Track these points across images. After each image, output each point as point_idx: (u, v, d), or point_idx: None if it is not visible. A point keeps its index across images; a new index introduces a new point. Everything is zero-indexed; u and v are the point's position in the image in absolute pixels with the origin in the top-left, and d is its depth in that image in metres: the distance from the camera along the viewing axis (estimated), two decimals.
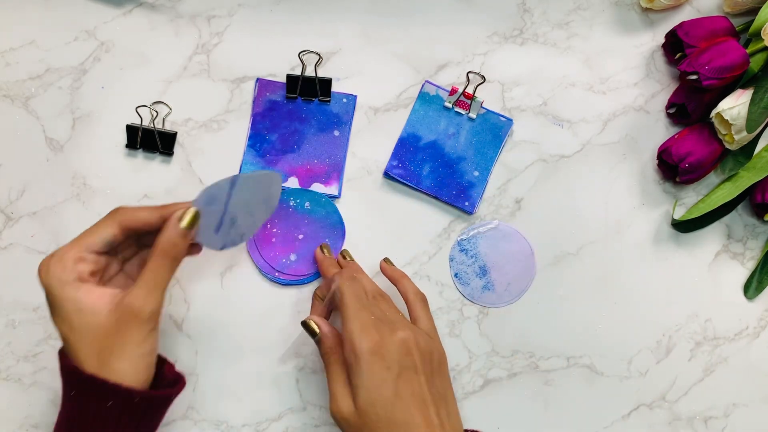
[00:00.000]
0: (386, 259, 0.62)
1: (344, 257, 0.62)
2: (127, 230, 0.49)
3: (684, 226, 0.65)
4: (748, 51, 0.61)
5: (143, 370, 0.47)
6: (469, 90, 0.64)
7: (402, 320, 0.53)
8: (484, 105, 0.65)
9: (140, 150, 0.64)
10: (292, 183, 0.64)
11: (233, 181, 0.51)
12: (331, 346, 0.52)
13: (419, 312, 0.56)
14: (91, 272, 0.48)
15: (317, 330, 0.53)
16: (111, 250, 0.50)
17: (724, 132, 0.61)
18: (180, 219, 0.49)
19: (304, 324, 0.54)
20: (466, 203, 0.64)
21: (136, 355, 0.46)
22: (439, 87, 0.66)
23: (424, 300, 0.57)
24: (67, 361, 0.47)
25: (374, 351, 0.49)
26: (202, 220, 0.50)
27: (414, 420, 0.47)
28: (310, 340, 0.62)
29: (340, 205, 0.64)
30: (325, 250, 0.61)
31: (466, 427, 0.61)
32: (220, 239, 0.53)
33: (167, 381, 0.51)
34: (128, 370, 0.46)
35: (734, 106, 0.60)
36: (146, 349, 0.47)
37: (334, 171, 0.64)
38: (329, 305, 0.58)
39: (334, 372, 0.51)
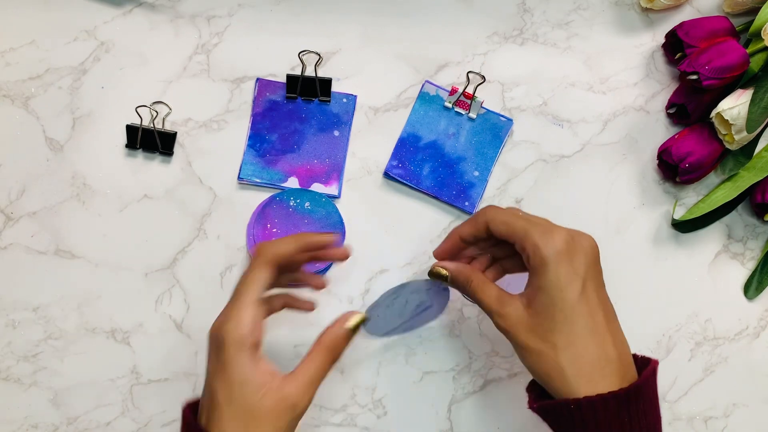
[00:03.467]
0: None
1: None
2: (276, 266, 0.49)
3: (684, 226, 0.65)
4: (748, 51, 0.61)
5: None
6: (469, 90, 0.64)
7: (582, 232, 0.51)
8: (484, 105, 0.65)
9: (140, 150, 0.64)
10: (292, 183, 0.64)
11: (404, 286, 0.57)
12: (468, 275, 0.53)
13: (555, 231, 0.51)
14: (262, 334, 0.47)
15: (444, 272, 0.54)
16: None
17: (724, 132, 0.61)
18: (347, 320, 0.50)
19: (432, 273, 0.54)
20: (466, 203, 0.64)
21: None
22: (439, 87, 0.66)
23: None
24: (200, 427, 0.46)
25: (567, 247, 0.48)
26: (368, 323, 0.55)
27: (597, 327, 0.47)
28: (311, 341, 0.62)
29: (340, 205, 0.64)
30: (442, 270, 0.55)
31: (463, 428, 0.61)
32: (384, 330, 0.59)
33: None
34: None
35: (734, 106, 0.60)
36: (295, 423, 0.47)
37: (334, 171, 0.64)
38: (464, 240, 0.54)
39: (485, 290, 0.51)
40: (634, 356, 0.50)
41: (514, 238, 0.50)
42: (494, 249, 0.56)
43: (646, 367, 0.49)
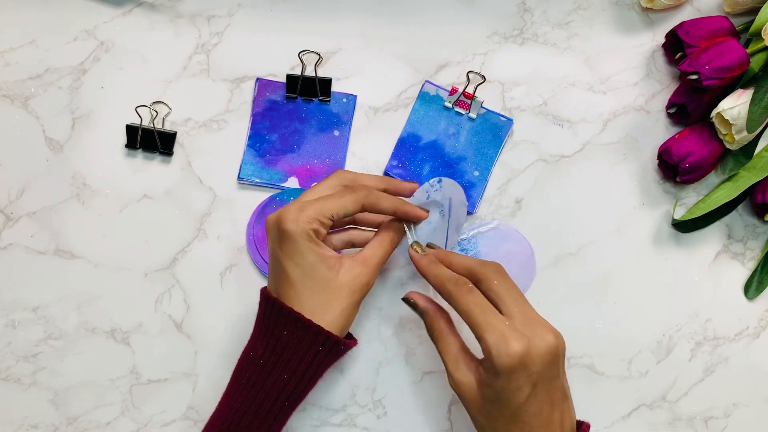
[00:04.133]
0: (415, 245, 0.56)
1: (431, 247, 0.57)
2: (365, 210, 0.53)
3: (684, 226, 0.65)
4: (748, 51, 0.61)
5: (343, 327, 0.53)
6: (469, 90, 0.64)
7: (541, 321, 0.49)
8: (484, 105, 0.65)
9: (140, 150, 0.64)
10: (292, 183, 0.64)
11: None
12: (432, 320, 0.53)
13: (511, 296, 0.50)
14: (324, 234, 0.52)
15: (418, 304, 0.54)
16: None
17: (724, 132, 0.61)
18: (411, 212, 0.55)
19: (405, 299, 0.55)
20: (466, 203, 0.64)
21: (345, 316, 0.52)
22: (439, 87, 0.66)
23: (501, 271, 0.52)
24: (286, 307, 0.51)
25: (519, 362, 0.46)
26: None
27: (542, 421, 0.48)
28: None
29: None
30: (418, 248, 0.55)
31: (463, 428, 0.61)
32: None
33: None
34: (334, 324, 0.51)
35: (734, 105, 0.60)
36: (354, 312, 0.53)
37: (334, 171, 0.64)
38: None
39: (445, 344, 0.52)
40: (578, 423, 0.52)
41: (472, 329, 0.49)
42: None
43: None
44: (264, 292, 0.54)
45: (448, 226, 0.59)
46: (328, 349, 0.51)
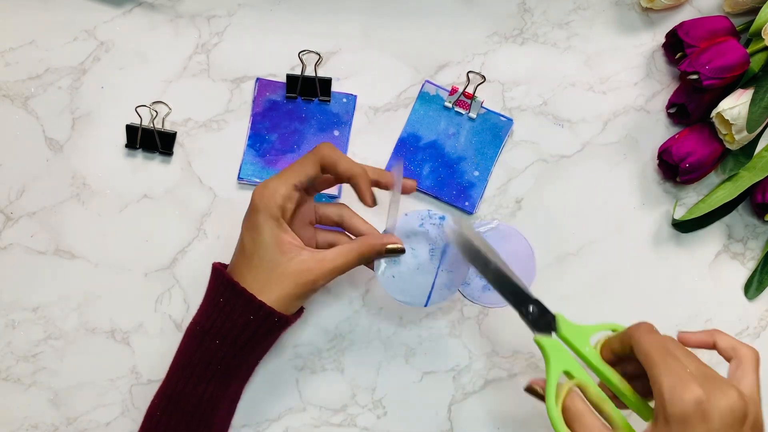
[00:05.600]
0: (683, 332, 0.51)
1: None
2: (325, 171, 0.53)
3: (684, 226, 0.65)
4: (748, 51, 0.61)
5: (287, 310, 0.52)
6: (469, 90, 0.64)
7: (727, 380, 0.44)
8: (484, 105, 0.65)
9: (140, 150, 0.64)
10: None
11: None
12: (571, 399, 0.46)
13: (747, 371, 0.46)
14: (292, 209, 0.53)
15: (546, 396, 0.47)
16: (306, 188, 0.54)
17: (724, 132, 0.61)
18: (390, 241, 0.53)
19: (529, 390, 0.49)
20: (466, 203, 0.64)
21: (283, 302, 0.52)
22: (439, 87, 0.66)
23: (756, 359, 0.47)
24: (226, 274, 0.53)
25: (695, 410, 0.41)
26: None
27: None
28: (310, 340, 0.62)
29: None
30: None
31: (463, 428, 0.61)
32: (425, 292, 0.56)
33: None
34: (277, 305, 0.51)
35: (735, 105, 0.60)
36: (293, 303, 0.52)
37: None
38: (615, 353, 0.49)
39: (587, 423, 0.45)
40: None
41: (648, 374, 0.44)
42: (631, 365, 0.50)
43: None
44: (214, 265, 0.55)
45: (436, 273, 0.56)
46: (262, 319, 0.51)
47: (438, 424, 0.61)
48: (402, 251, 0.54)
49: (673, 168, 0.63)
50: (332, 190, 0.64)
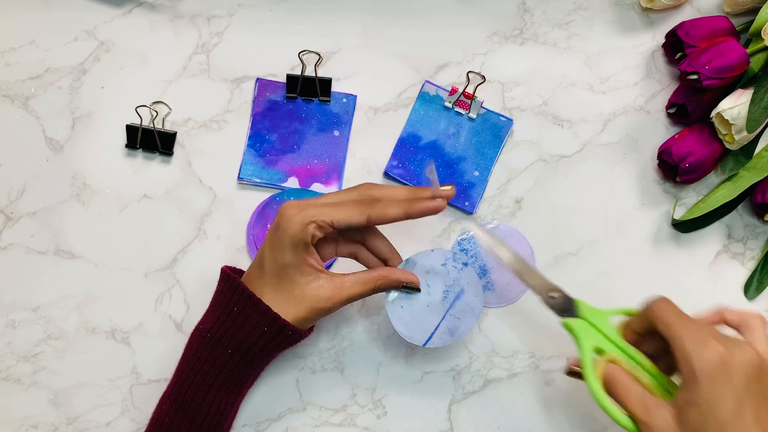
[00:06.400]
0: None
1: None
2: (371, 224, 0.52)
3: (684, 226, 0.65)
4: (748, 51, 0.61)
5: (299, 326, 0.53)
6: (469, 90, 0.64)
7: (743, 339, 0.47)
8: (484, 105, 0.65)
9: (140, 150, 0.64)
10: (292, 183, 0.64)
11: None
12: (609, 368, 0.48)
13: (757, 334, 0.49)
14: (318, 239, 0.52)
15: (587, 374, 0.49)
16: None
17: (724, 132, 0.61)
18: (406, 277, 0.54)
19: (570, 373, 0.53)
20: (466, 203, 0.64)
21: (298, 321, 0.52)
22: (439, 87, 0.66)
23: (764, 322, 0.50)
24: (242, 284, 0.53)
25: (721, 365, 0.43)
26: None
27: None
28: (311, 340, 0.62)
29: None
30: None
31: (463, 428, 0.61)
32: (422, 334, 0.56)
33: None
34: (289, 318, 0.52)
35: (734, 106, 0.60)
36: (306, 323, 0.53)
37: (334, 171, 0.64)
38: (638, 333, 0.51)
39: (630, 396, 0.47)
40: None
41: (670, 341, 0.46)
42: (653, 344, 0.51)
43: None
44: (224, 270, 0.55)
45: (443, 316, 0.56)
46: (276, 331, 0.52)
47: (438, 424, 0.61)
48: (417, 290, 0.55)
49: (673, 168, 0.63)
50: (332, 190, 0.64)
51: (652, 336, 0.49)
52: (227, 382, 0.53)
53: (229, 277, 0.54)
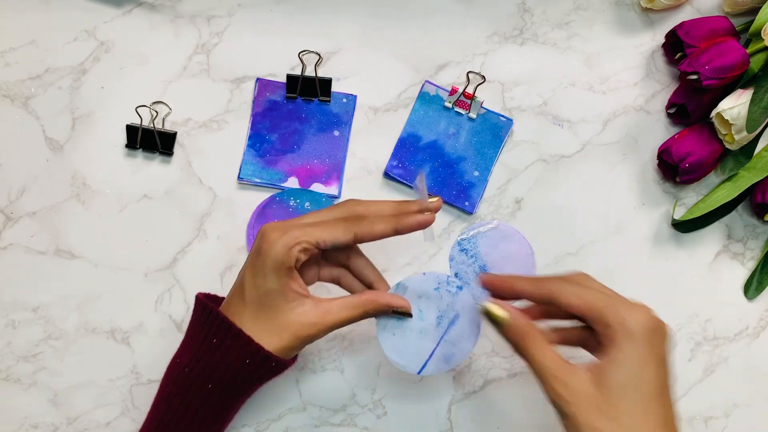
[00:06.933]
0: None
1: None
2: (358, 242, 0.50)
3: (684, 226, 0.65)
4: (748, 51, 0.61)
5: (284, 357, 0.50)
6: (469, 90, 0.64)
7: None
8: (484, 105, 0.65)
9: (140, 150, 0.64)
10: (292, 183, 0.64)
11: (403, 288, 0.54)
12: (525, 324, 0.47)
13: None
14: (303, 262, 0.50)
15: (503, 314, 0.48)
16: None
17: (724, 132, 0.61)
18: (396, 302, 0.51)
19: (485, 311, 0.49)
20: (466, 203, 0.64)
21: (281, 350, 0.49)
22: (439, 87, 0.66)
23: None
24: (221, 314, 0.50)
25: (650, 329, 0.44)
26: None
27: (667, 417, 0.44)
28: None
29: None
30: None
31: (463, 428, 0.61)
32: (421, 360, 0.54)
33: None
34: (272, 348, 0.49)
35: (734, 106, 0.60)
36: (289, 351, 0.50)
37: (334, 171, 0.64)
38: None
39: (545, 350, 0.46)
40: None
41: (591, 312, 0.46)
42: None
43: None
44: (199, 298, 0.52)
45: (438, 342, 0.53)
46: (258, 363, 0.49)
47: (438, 424, 0.61)
48: (409, 315, 0.52)
49: (673, 168, 0.63)
50: (332, 190, 0.64)
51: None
52: (207, 418, 0.50)
53: (206, 306, 0.51)
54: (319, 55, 0.65)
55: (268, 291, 0.49)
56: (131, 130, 0.64)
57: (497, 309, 0.48)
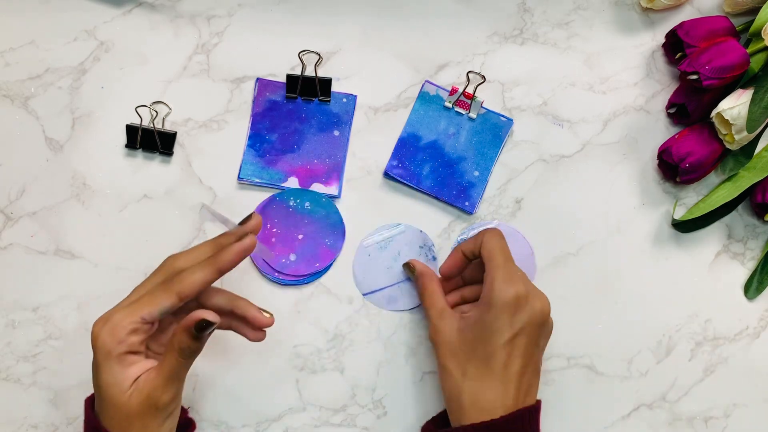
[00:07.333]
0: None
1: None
2: (185, 299, 0.48)
3: (684, 226, 0.65)
4: (748, 51, 0.61)
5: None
6: (469, 90, 0.64)
7: (545, 295, 0.54)
8: (484, 105, 0.65)
9: (140, 150, 0.64)
10: (292, 183, 0.64)
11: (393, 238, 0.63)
12: (427, 280, 0.58)
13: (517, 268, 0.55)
14: (140, 341, 0.48)
15: (418, 266, 0.60)
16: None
17: (724, 132, 0.61)
18: (191, 321, 0.46)
19: (406, 265, 0.61)
20: (466, 203, 0.64)
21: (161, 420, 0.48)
22: (439, 87, 0.66)
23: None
24: (95, 418, 0.49)
25: (514, 302, 0.51)
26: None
27: (508, 375, 0.51)
28: (310, 340, 0.62)
29: (340, 205, 0.64)
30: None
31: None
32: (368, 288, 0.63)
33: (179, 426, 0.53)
34: None
35: (734, 106, 0.60)
36: (164, 418, 0.49)
37: (334, 171, 0.64)
38: (465, 256, 0.57)
39: (434, 300, 0.57)
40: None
41: (487, 269, 0.54)
42: (474, 272, 0.59)
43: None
44: (86, 402, 0.51)
45: (392, 284, 0.63)
46: None
47: None
48: (212, 324, 0.47)
49: (673, 168, 0.63)
50: (332, 190, 0.64)
51: (473, 264, 0.58)
52: None
53: (86, 411, 0.50)
54: (319, 55, 0.65)
55: (104, 385, 0.47)
56: (131, 130, 0.64)
57: (415, 262, 0.61)
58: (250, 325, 0.52)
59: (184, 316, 0.47)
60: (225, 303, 0.52)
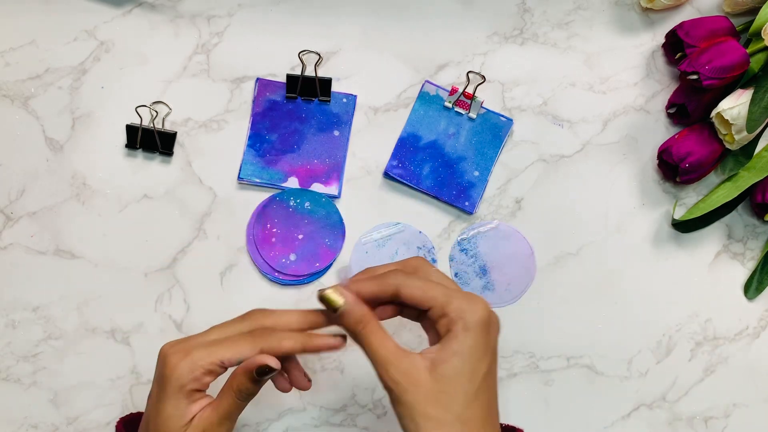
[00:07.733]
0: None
1: None
2: (263, 354, 0.47)
3: (684, 226, 0.65)
4: (748, 51, 0.61)
5: None
6: (469, 90, 0.64)
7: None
8: (484, 105, 0.65)
9: (140, 150, 0.64)
10: (292, 183, 0.64)
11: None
12: (363, 313, 0.47)
13: (446, 278, 0.50)
14: (211, 381, 0.47)
15: (340, 301, 0.46)
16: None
17: (724, 132, 0.61)
18: (254, 364, 0.46)
19: (322, 297, 0.47)
20: (466, 203, 0.64)
21: None
22: (439, 87, 0.66)
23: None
24: None
25: (485, 322, 0.45)
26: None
27: (491, 408, 0.46)
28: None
29: (340, 205, 0.64)
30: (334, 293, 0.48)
31: None
32: None
33: None
34: None
35: (734, 106, 0.60)
36: None
37: (334, 171, 0.64)
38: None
39: (383, 339, 0.46)
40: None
41: (433, 303, 0.46)
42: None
43: None
44: (117, 427, 0.51)
45: None
46: None
47: None
48: (274, 370, 0.47)
49: (673, 168, 0.63)
50: (332, 190, 0.64)
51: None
52: None
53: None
54: (319, 55, 0.65)
55: (165, 417, 0.46)
56: (131, 130, 0.64)
57: (334, 294, 0.47)
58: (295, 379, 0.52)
59: None
60: (297, 350, 0.50)
